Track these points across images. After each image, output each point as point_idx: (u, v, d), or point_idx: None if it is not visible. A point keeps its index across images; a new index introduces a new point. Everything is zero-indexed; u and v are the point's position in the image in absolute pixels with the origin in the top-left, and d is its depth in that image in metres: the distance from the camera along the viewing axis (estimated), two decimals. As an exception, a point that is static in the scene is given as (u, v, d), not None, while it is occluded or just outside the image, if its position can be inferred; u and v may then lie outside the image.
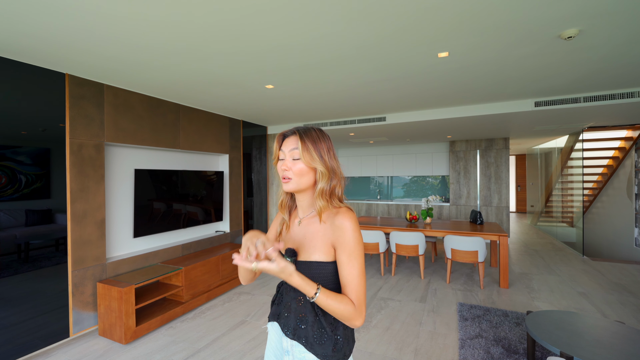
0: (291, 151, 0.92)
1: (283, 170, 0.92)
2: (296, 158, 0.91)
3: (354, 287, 0.84)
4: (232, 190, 4.53)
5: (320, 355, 0.88)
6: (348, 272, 0.85)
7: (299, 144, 0.91)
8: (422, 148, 7.33)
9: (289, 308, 0.94)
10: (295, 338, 0.90)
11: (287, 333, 0.92)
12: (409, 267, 4.67)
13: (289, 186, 0.92)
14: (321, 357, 0.88)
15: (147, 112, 3.26)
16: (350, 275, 0.85)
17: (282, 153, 0.94)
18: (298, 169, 0.91)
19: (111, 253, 3.04)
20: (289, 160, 0.92)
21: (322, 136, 0.94)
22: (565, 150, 6.41)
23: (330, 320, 0.91)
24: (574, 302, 3.32)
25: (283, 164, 0.92)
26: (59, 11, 1.66)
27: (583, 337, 1.95)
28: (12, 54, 2.20)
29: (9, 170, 2.38)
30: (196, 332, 2.77)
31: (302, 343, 0.89)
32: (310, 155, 0.90)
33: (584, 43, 2.12)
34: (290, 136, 0.94)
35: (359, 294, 0.84)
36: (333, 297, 0.83)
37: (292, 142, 0.93)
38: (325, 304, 0.82)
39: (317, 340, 0.88)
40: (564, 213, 6.72)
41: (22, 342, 2.33)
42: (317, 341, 0.88)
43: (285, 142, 0.94)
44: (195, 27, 1.86)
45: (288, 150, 0.92)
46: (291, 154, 0.92)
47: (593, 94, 3.36)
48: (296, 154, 0.91)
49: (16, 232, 2.41)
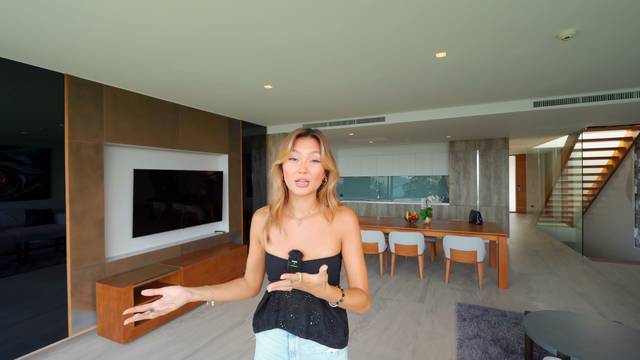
0: (311, 154, 0.90)
1: (300, 174, 0.89)
2: (315, 160, 0.90)
3: (363, 275, 0.95)
4: (231, 190, 4.54)
5: (335, 345, 0.93)
6: (357, 262, 0.95)
7: (320, 146, 0.91)
8: (421, 148, 7.33)
9: (297, 310, 0.94)
10: (309, 336, 0.92)
11: (300, 334, 0.92)
12: (408, 267, 4.67)
13: (305, 190, 0.90)
14: (337, 346, 0.93)
15: (146, 112, 3.27)
16: (360, 265, 0.95)
17: (298, 154, 0.90)
18: (317, 172, 0.90)
19: (110, 253, 3.05)
20: (307, 163, 0.90)
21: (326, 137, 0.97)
22: (565, 150, 6.41)
23: (336, 308, 0.96)
24: (573, 303, 3.32)
25: (301, 166, 0.89)
26: (58, 12, 1.67)
27: (580, 338, 1.95)
28: (12, 54, 2.21)
29: (9, 170, 2.38)
30: (195, 332, 2.78)
31: (315, 338, 0.92)
32: (328, 158, 0.92)
33: (582, 43, 2.12)
34: (307, 137, 0.92)
35: (366, 280, 0.95)
36: (351, 293, 0.88)
37: (311, 144, 0.91)
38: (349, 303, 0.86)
39: (330, 331, 0.93)
40: (564, 213, 6.72)
41: (21, 342, 2.34)
42: (330, 332, 0.93)
43: (301, 143, 0.91)
44: (193, 27, 1.87)
45: (306, 152, 0.90)
46: (310, 156, 0.90)
47: (592, 94, 3.36)
48: (316, 156, 0.90)
49: (16, 232, 2.41)
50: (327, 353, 0.94)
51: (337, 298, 0.83)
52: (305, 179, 0.89)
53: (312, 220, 0.97)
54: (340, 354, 0.96)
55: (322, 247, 0.94)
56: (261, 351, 1.00)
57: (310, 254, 0.93)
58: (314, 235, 0.95)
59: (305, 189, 0.90)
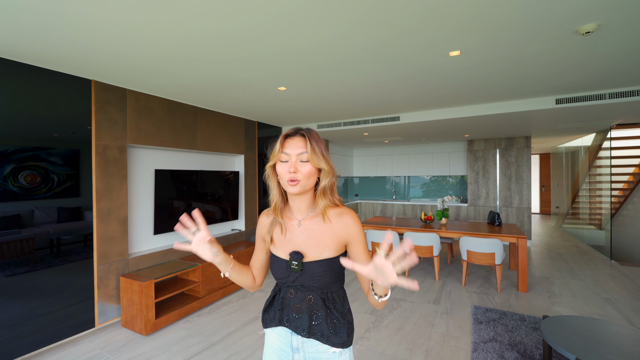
0: (300, 154, 0.91)
1: (290, 173, 0.90)
2: (304, 160, 0.91)
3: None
4: (247, 190, 4.64)
5: (337, 344, 0.94)
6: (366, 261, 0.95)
7: (307, 145, 0.91)
8: (438, 147, 7.19)
9: (300, 309, 0.95)
10: (311, 335, 0.94)
11: (302, 333, 0.94)
12: (424, 269, 4.60)
13: (296, 189, 0.91)
14: (340, 346, 0.94)
15: (167, 114, 3.41)
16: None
17: (286, 155, 0.92)
18: (307, 171, 0.91)
19: (133, 249, 3.20)
20: (296, 163, 0.91)
21: (319, 136, 0.97)
22: (593, 148, 6.10)
23: (339, 309, 0.96)
24: (598, 308, 3.17)
25: (290, 166, 0.90)
26: (86, 25, 1.79)
27: (603, 344, 1.87)
28: (45, 62, 2.37)
29: (43, 170, 2.56)
30: (211, 326, 2.87)
31: (318, 338, 0.93)
32: (317, 156, 0.92)
33: (604, 38, 2.03)
34: (294, 137, 0.93)
35: None
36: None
37: (299, 143, 0.92)
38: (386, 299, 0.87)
39: (333, 331, 0.94)
40: (592, 215, 6.39)
41: (54, 330, 2.52)
42: (333, 332, 0.94)
43: (289, 144, 0.93)
44: (208, 34, 1.94)
45: (295, 152, 0.91)
46: (299, 157, 0.91)
47: (618, 90, 3.20)
48: (305, 157, 0.91)
49: (49, 228, 2.59)
50: (329, 352, 0.95)
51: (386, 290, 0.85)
52: (296, 179, 0.90)
53: (311, 221, 0.98)
54: (344, 354, 0.96)
55: (322, 248, 0.94)
56: (269, 345, 1.03)
57: (311, 255, 0.94)
58: (314, 237, 0.96)
59: (295, 188, 0.91)
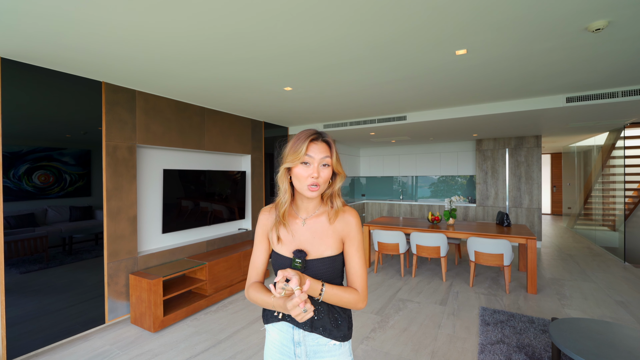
0: (323, 158, 0.93)
1: (312, 178, 0.92)
2: (326, 165, 0.94)
3: (360, 274, 0.98)
4: (254, 190, 4.68)
5: (339, 338, 0.97)
6: (356, 262, 0.98)
7: (331, 151, 0.95)
8: (446, 147, 7.12)
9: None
10: (313, 330, 0.96)
11: (305, 327, 0.97)
12: (431, 269, 4.57)
13: (315, 193, 0.93)
14: (340, 339, 0.98)
15: (175, 115, 3.47)
16: (358, 265, 0.98)
17: (310, 158, 0.93)
18: (326, 176, 0.94)
19: (142, 247, 3.27)
20: (318, 167, 0.93)
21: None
22: (606, 148, 5.95)
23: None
24: (610, 311, 3.09)
25: (313, 171, 0.92)
26: (96, 28, 1.83)
27: (613, 348, 1.83)
28: (57, 65, 2.44)
29: (55, 170, 2.63)
30: (218, 324, 2.91)
31: (320, 332, 0.97)
32: (337, 162, 0.97)
33: (615, 35, 1.98)
34: (318, 142, 0.95)
35: (364, 280, 0.98)
36: (337, 289, 0.93)
37: (323, 149, 0.94)
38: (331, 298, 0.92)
39: (334, 325, 0.97)
40: (605, 216, 6.24)
41: (65, 326, 2.59)
42: (334, 326, 0.97)
43: (314, 148, 0.94)
44: (215, 37, 1.96)
45: (319, 157, 0.93)
46: (322, 161, 0.93)
47: (632, 88, 3.11)
48: (327, 161, 0.94)
49: (62, 227, 2.66)
50: (330, 345, 0.98)
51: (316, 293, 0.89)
52: (318, 183, 0.93)
53: (316, 220, 1.00)
54: (343, 346, 0.99)
55: (325, 246, 0.97)
56: (270, 341, 1.05)
57: (314, 253, 0.97)
58: (317, 235, 0.99)
59: (315, 192, 0.93)
